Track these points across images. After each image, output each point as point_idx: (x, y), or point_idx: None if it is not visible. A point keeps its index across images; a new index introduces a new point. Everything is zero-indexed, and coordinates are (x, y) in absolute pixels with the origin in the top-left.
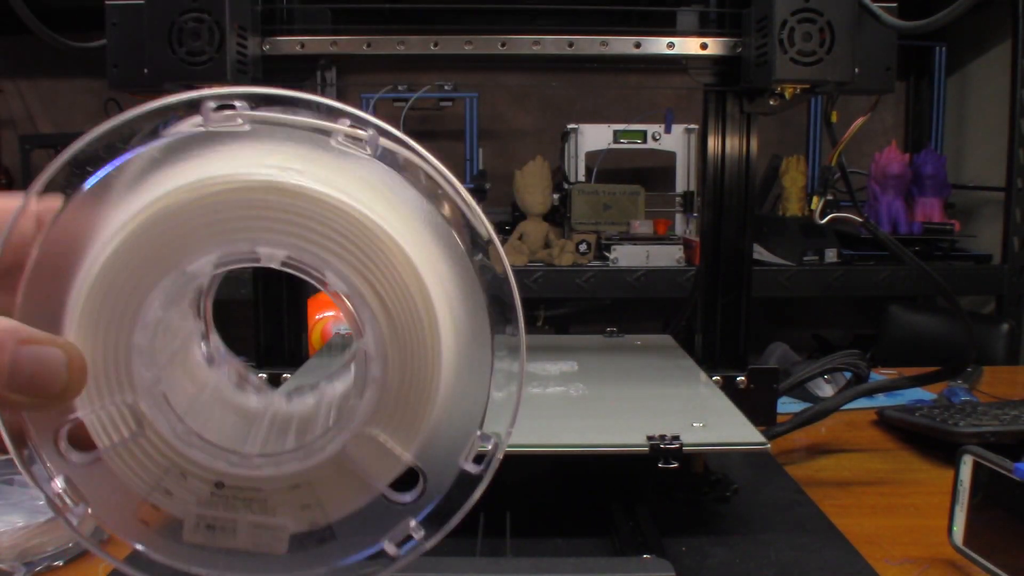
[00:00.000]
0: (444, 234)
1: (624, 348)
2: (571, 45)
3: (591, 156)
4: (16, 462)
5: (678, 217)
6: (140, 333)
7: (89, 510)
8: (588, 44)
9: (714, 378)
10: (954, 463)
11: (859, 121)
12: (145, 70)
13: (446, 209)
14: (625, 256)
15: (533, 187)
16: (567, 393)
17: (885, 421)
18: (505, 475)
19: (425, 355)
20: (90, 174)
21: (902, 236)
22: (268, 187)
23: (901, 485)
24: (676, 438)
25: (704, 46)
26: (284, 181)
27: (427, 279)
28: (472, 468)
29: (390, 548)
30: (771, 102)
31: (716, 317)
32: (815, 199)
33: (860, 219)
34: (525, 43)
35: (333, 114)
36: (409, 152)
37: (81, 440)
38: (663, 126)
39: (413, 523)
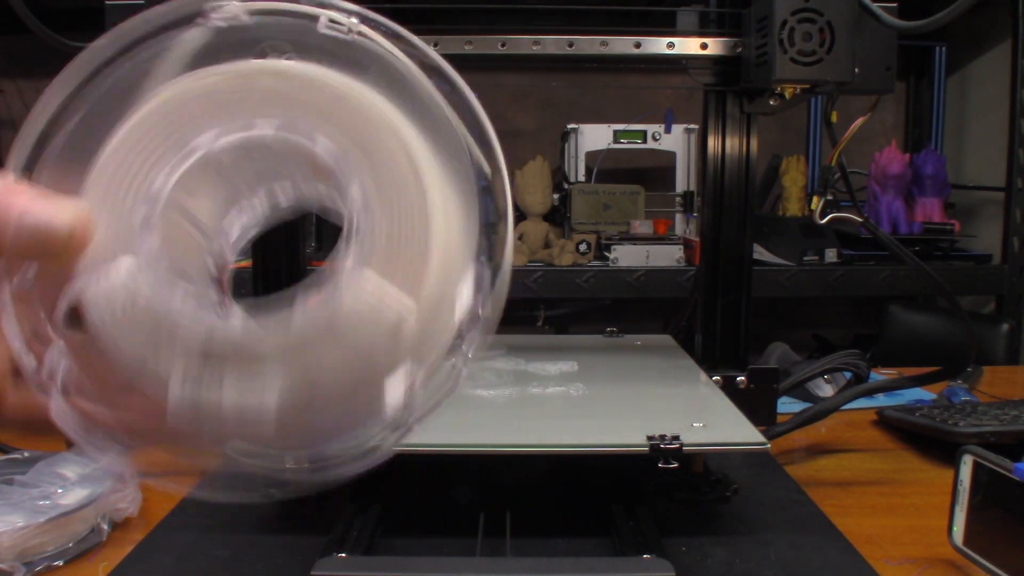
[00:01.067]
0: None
1: (624, 348)
2: (571, 45)
3: (591, 156)
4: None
5: (678, 217)
6: (143, 205)
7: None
8: (588, 44)
9: (714, 378)
10: (954, 463)
11: (859, 121)
12: None
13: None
14: (625, 256)
15: (533, 187)
16: (567, 393)
17: (885, 421)
18: (505, 475)
19: (411, 207)
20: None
21: (902, 236)
22: (261, 71)
23: (901, 485)
24: (676, 438)
25: (704, 46)
26: (274, 64)
27: (409, 140)
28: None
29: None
30: (771, 102)
31: (716, 317)
32: (815, 199)
33: (860, 219)
34: (525, 43)
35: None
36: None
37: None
38: (663, 126)
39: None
